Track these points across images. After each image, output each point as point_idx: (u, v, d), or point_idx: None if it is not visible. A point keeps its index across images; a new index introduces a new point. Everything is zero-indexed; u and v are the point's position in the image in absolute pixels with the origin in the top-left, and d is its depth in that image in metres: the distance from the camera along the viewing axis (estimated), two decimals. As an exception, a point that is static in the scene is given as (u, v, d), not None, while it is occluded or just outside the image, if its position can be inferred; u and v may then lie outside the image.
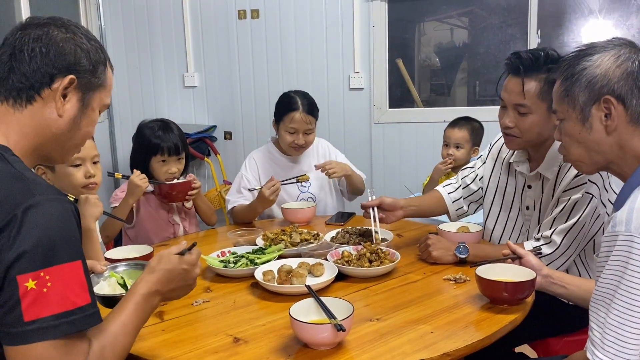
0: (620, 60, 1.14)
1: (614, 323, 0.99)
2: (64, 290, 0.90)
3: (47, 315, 0.88)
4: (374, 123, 3.71)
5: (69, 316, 0.90)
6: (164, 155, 2.27)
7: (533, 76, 1.64)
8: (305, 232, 1.98)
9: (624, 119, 1.14)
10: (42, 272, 0.88)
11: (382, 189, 3.75)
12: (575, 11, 3.39)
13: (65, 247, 0.91)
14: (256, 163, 2.54)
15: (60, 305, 0.89)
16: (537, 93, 1.64)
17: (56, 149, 1.08)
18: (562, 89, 1.22)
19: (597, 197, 1.64)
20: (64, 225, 0.92)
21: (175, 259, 1.15)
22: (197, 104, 4.08)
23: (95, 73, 1.06)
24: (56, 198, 0.93)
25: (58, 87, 1.02)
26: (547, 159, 1.75)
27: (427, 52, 4.07)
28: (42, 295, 0.88)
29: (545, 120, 1.67)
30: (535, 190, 1.82)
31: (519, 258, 1.50)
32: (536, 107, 1.65)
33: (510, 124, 1.71)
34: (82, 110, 1.06)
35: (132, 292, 1.09)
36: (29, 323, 0.87)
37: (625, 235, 1.00)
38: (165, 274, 1.13)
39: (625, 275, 0.98)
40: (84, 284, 0.93)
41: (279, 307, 1.45)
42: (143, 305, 1.08)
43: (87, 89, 1.06)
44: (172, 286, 1.14)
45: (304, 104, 2.44)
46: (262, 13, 3.80)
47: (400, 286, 1.59)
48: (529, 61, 1.64)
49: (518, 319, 1.37)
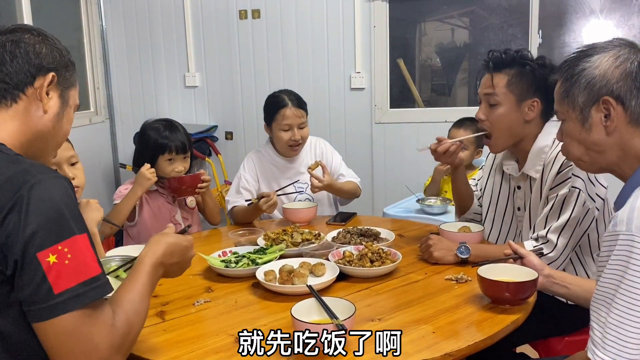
0: (619, 61, 1.14)
1: (615, 322, 0.99)
2: (84, 259, 0.94)
3: (75, 284, 0.92)
4: (375, 123, 3.71)
5: (93, 282, 0.95)
6: (172, 154, 2.30)
7: (502, 71, 1.78)
8: (307, 232, 1.98)
9: (624, 120, 1.14)
10: (60, 245, 0.91)
11: (383, 189, 3.75)
12: (577, 11, 3.38)
13: (74, 220, 0.95)
14: (254, 163, 2.54)
15: (84, 273, 0.94)
16: (505, 84, 1.77)
17: (41, 147, 1.11)
18: (562, 89, 1.23)
19: (584, 191, 1.65)
20: (69, 199, 0.96)
21: (176, 235, 1.22)
22: (198, 104, 4.08)
23: (70, 71, 1.12)
24: (55, 175, 0.97)
25: (42, 84, 1.07)
26: (529, 158, 1.80)
27: (428, 52, 4.07)
28: (66, 267, 0.91)
29: (514, 112, 1.77)
30: (525, 191, 1.85)
31: (520, 258, 1.50)
32: (504, 97, 1.77)
33: (482, 116, 1.82)
34: (62, 107, 1.11)
35: (140, 262, 1.13)
36: (59, 295, 0.91)
37: (626, 235, 1.00)
38: (169, 246, 1.17)
39: (626, 275, 0.98)
40: (94, 255, 0.97)
41: (281, 307, 1.45)
42: (152, 274, 1.12)
43: (65, 87, 1.11)
44: (173, 260, 1.19)
45: (292, 99, 2.45)
46: (263, 13, 3.80)
47: (402, 286, 1.59)
48: (497, 58, 1.80)
49: (520, 319, 1.37)
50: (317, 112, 3.57)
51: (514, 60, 1.77)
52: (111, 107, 4.17)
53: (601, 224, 1.73)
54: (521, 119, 1.77)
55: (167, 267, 1.18)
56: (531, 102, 1.76)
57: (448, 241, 1.78)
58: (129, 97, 4.17)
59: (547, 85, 1.71)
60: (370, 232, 1.99)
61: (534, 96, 1.76)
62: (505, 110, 1.77)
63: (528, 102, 1.76)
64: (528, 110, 1.76)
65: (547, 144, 1.76)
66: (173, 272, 1.22)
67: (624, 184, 1.16)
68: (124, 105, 4.19)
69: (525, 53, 1.80)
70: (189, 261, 1.25)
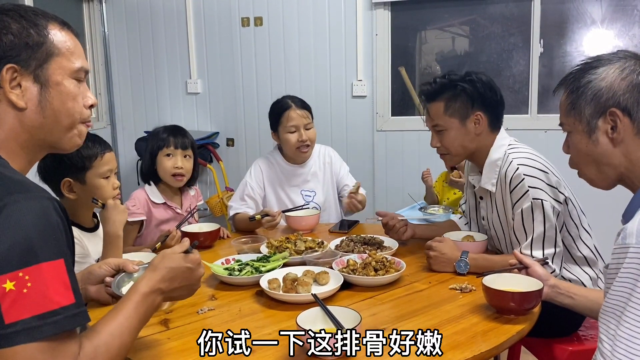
0: (625, 73, 1.15)
1: (625, 336, 0.99)
2: (46, 290, 0.86)
3: (29, 316, 0.84)
4: (376, 131, 3.72)
5: (52, 316, 0.86)
6: (170, 148, 2.28)
7: (436, 99, 1.86)
8: (310, 240, 1.98)
9: (631, 131, 1.14)
10: (21, 272, 0.84)
11: (385, 197, 3.75)
12: (578, 21, 3.40)
13: (44, 246, 0.87)
14: (261, 170, 2.54)
15: (42, 305, 0.85)
16: (442, 111, 1.85)
17: (47, 137, 1.03)
18: (568, 102, 1.23)
19: (548, 199, 1.68)
20: (43, 223, 0.88)
21: (179, 257, 1.14)
22: (199, 111, 4.08)
23: (34, 49, 0.98)
24: (34, 196, 0.89)
25: (4, 81, 0.96)
26: (484, 172, 1.86)
27: (428, 61, 4.07)
28: (22, 296, 0.84)
29: (461, 132, 1.84)
30: (486, 202, 1.92)
31: (525, 268, 1.50)
32: (447, 122, 1.85)
33: (437, 145, 1.91)
34: (44, 90, 1.00)
35: (132, 290, 1.06)
36: (10, 325, 0.83)
37: (636, 248, 0.99)
38: (168, 272, 1.11)
39: (636, 288, 0.98)
40: (67, 283, 0.88)
41: (285, 315, 1.45)
42: (143, 304, 1.05)
43: (36, 67, 0.98)
44: (175, 285, 1.12)
45: (295, 101, 2.47)
46: (265, 20, 3.82)
47: (406, 295, 1.59)
48: (427, 90, 1.89)
49: (525, 329, 1.37)
50: (319, 119, 3.54)
51: (443, 86, 1.84)
52: (113, 114, 4.17)
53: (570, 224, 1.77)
54: (471, 134, 1.84)
55: (167, 292, 1.11)
56: (474, 117, 1.82)
57: (450, 250, 1.77)
58: (130, 104, 4.18)
59: (483, 98, 1.81)
60: (374, 241, 1.99)
61: (474, 111, 1.82)
62: (454, 133, 1.85)
63: (472, 117, 1.82)
64: (475, 124, 1.83)
65: (499, 157, 1.81)
66: (180, 296, 1.17)
67: (633, 195, 1.16)
68: (126, 112, 4.19)
69: (453, 75, 1.85)
70: (197, 282, 1.18)
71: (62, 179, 1.73)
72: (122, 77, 4.16)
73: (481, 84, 1.82)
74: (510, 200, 1.74)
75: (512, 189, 1.73)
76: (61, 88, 1.02)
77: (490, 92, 1.83)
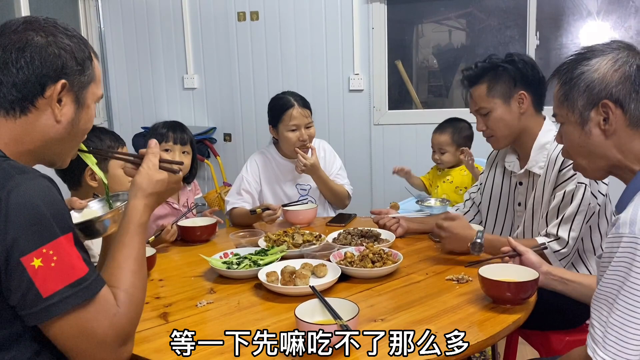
0: (618, 64, 1.15)
1: (616, 323, 1.00)
2: (70, 260, 0.93)
3: (63, 286, 0.91)
4: (373, 125, 3.73)
5: (83, 282, 0.93)
6: (169, 143, 2.28)
7: (478, 83, 1.87)
8: (307, 234, 1.99)
9: (623, 123, 1.14)
10: (44, 248, 0.90)
11: (382, 191, 3.76)
12: (574, 13, 3.41)
13: (57, 221, 0.92)
14: (257, 165, 2.54)
15: (72, 275, 0.92)
16: (485, 93, 1.85)
17: (57, 152, 1.08)
18: (561, 93, 1.23)
19: (589, 187, 1.69)
20: (50, 200, 0.93)
21: (164, 177, 1.15)
22: (196, 106, 4.08)
23: (83, 71, 1.05)
24: (35, 176, 0.94)
25: (52, 94, 1.01)
26: (532, 155, 1.85)
27: (425, 54, 4.08)
28: (52, 270, 0.90)
29: (505, 112, 1.83)
30: (527, 187, 1.90)
31: (518, 255, 1.52)
32: (490, 104, 1.84)
33: (482, 128, 1.90)
34: (78, 111, 1.06)
35: (130, 223, 1.09)
36: (48, 298, 0.90)
37: (629, 237, 1.01)
38: (159, 196, 1.15)
39: (629, 277, 0.99)
40: (79, 254, 0.95)
41: (284, 307, 1.46)
42: (145, 231, 1.11)
43: (79, 89, 1.05)
44: (161, 199, 1.16)
45: (298, 100, 2.46)
46: (261, 15, 3.81)
47: (403, 286, 1.60)
48: (469, 75, 1.90)
49: (521, 318, 1.38)
50: (316, 113, 3.53)
51: (485, 69, 1.85)
52: (109, 110, 4.17)
53: (602, 220, 1.76)
54: (516, 114, 1.83)
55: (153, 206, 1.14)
56: (518, 97, 1.82)
57: (463, 229, 1.77)
58: (127, 99, 4.18)
59: (525, 77, 1.81)
60: (371, 233, 2.00)
61: (517, 90, 1.82)
62: (498, 114, 1.84)
63: (515, 97, 1.82)
64: (519, 104, 1.83)
65: (548, 141, 1.81)
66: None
67: (625, 187, 1.17)
68: (122, 108, 4.19)
69: (494, 58, 1.87)
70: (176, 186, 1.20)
71: (85, 168, 1.76)
72: (119, 73, 4.16)
73: (522, 63, 1.81)
74: (556, 181, 1.75)
75: (560, 169, 1.74)
76: (89, 111, 1.10)
77: (532, 71, 1.82)
